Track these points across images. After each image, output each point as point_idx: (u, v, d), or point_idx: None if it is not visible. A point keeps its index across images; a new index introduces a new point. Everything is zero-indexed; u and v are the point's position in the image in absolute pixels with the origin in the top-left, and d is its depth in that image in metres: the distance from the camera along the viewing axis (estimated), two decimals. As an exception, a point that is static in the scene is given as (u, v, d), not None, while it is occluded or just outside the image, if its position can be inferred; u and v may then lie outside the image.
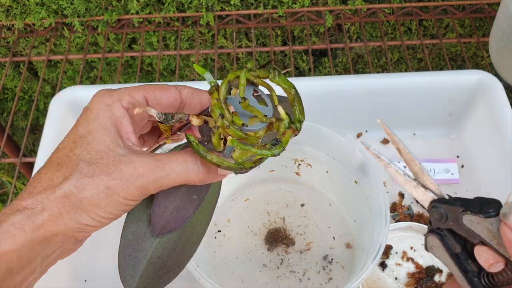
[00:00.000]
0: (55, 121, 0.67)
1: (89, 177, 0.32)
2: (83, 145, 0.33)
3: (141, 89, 0.36)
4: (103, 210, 0.33)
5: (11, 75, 0.98)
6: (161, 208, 0.36)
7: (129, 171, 0.32)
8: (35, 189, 0.33)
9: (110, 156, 0.33)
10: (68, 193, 0.32)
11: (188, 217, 0.37)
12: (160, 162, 0.33)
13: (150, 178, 0.33)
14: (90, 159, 0.33)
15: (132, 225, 0.37)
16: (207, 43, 0.92)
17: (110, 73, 0.98)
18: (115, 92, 0.36)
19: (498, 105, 0.66)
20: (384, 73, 0.72)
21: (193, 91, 0.38)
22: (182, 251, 0.38)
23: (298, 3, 0.86)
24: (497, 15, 0.72)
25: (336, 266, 0.60)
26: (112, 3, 0.87)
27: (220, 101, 0.33)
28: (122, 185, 0.32)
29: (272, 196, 0.66)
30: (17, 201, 0.33)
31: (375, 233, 0.53)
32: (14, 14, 0.88)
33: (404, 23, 0.91)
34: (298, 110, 0.34)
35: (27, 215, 0.32)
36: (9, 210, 0.32)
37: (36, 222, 0.32)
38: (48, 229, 0.32)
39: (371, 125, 0.74)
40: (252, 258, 0.61)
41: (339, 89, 0.69)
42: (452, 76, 0.70)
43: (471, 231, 0.28)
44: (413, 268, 0.61)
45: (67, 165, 0.33)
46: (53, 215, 0.32)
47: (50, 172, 0.33)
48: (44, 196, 0.32)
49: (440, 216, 0.30)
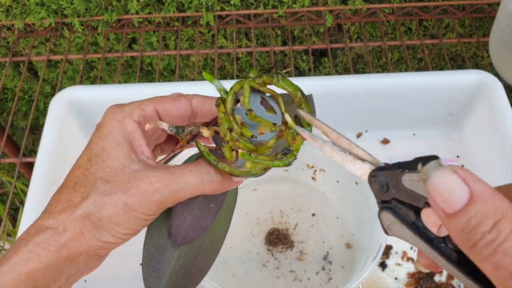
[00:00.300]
0: (55, 121, 0.67)
1: (106, 196, 0.33)
2: (98, 162, 0.34)
3: (151, 102, 0.36)
4: (123, 227, 0.33)
5: (11, 75, 0.98)
6: (180, 220, 0.37)
7: (145, 187, 0.33)
8: (55, 209, 0.33)
9: (125, 172, 0.33)
10: (88, 212, 0.33)
11: (207, 226, 0.37)
12: (174, 175, 0.33)
13: (166, 192, 0.33)
14: (106, 177, 0.33)
15: (153, 237, 0.37)
16: (207, 43, 0.92)
17: (110, 73, 0.98)
18: (126, 106, 0.36)
19: (498, 105, 0.66)
20: (384, 73, 0.72)
21: (202, 99, 0.38)
22: (203, 258, 0.39)
23: (298, 3, 0.86)
24: (497, 15, 0.72)
25: (336, 266, 0.60)
26: (112, 3, 0.87)
27: (227, 114, 0.33)
28: (140, 201, 0.33)
29: (272, 196, 0.67)
30: (40, 221, 0.33)
31: (375, 233, 0.53)
32: (14, 14, 0.88)
33: (404, 23, 0.91)
34: (308, 111, 0.34)
35: (50, 235, 0.33)
36: (33, 230, 0.33)
37: (60, 242, 0.32)
38: (71, 248, 0.33)
39: (371, 125, 0.74)
40: (252, 258, 0.61)
41: (339, 89, 0.69)
42: (452, 76, 0.70)
43: (414, 193, 0.25)
44: (413, 268, 0.61)
45: (84, 184, 0.34)
46: (75, 235, 0.33)
47: (68, 192, 0.34)
48: (64, 217, 0.33)
49: (381, 186, 0.27)
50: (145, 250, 0.37)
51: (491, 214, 0.22)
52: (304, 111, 0.33)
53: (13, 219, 1.08)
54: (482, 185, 0.23)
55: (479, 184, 0.23)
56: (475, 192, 0.22)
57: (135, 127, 0.35)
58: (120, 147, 0.34)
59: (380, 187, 0.27)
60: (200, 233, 0.37)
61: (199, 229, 0.37)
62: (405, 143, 0.74)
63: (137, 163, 0.34)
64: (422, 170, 0.24)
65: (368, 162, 0.29)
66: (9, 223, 1.03)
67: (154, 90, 0.69)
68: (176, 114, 0.37)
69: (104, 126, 0.35)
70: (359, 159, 0.29)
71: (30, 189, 0.61)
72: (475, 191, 0.22)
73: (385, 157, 0.72)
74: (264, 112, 0.35)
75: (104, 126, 0.35)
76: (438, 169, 0.23)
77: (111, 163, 0.34)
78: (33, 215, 0.59)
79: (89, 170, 0.34)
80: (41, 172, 0.62)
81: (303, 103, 0.34)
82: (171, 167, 0.34)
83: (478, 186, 0.23)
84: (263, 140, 0.33)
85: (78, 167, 0.35)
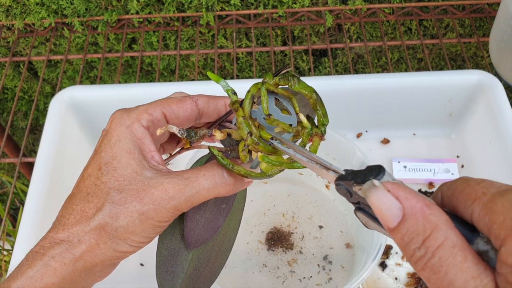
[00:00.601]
0: (55, 121, 0.67)
1: (121, 205, 0.32)
2: (109, 171, 0.33)
3: (158, 105, 0.36)
4: (139, 236, 0.33)
5: (11, 75, 0.98)
6: (192, 223, 0.37)
7: (160, 195, 0.32)
8: (69, 221, 0.33)
9: (138, 180, 0.33)
10: (103, 224, 0.32)
11: (219, 226, 0.38)
12: (188, 180, 0.33)
13: (182, 198, 0.33)
14: (119, 186, 0.33)
15: (166, 241, 0.37)
16: (207, 43, 0.92)
17: (110, 73, 0.98)
18: (133, 111, 0.36)
19: (498, 105, 0.66)
20: (384, 73, 0.72)
21: (208, 100, 0.38)
22: (216, 259, 0.39)
23: (298, 3, 0.86)
24: (497, 15, 0.72)
25: (336, 266, 0.60)
26: (112, 3, 0.87)
27: (246, 118, 0.33)
28: (155, 209, 0.32)
29: (272, 196, 0.67)
30: (53, 233, 0.33)
31: (375, 233, 0.53)
32: (14, 14, 0.88)
33: (404, 23, 0.91)
34: (322, 113, 0.35)
35: (65, 248, 0.32)
36: (47, 243, 0.33)
37: (76, 255, 0.32)
38: (87, 260, 0.33)
39: (371, 125, 0.74)
40: (252, 258, 0.61)
41: (339, 89, 0.69)
42: (452, 76, 0.70)
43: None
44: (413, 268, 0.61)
45: (97, 194, 0.33)
46: (90, 247, 0.32)
47: (81, 203, 0.33)
48: (79, 229, 0.33)
49: (344, 193, 0.28)
50: (158, 254, 0.37)
51: (420, 231, 0.23)
52: (319, 112, 0.34)
53: (13, 219, 1.08)
54: (414, 202, 0.23)
55: (411, 200, 0.23)
56: (406, 210, 0.23)
57: (144, 132, 0.35)
58: (131, 154, 0.34)
59: (345, 194, 0.28)
60: (212, 235, 0.37)
61: (211, 231, 0.37)
62: (405, 143, 0.74)
63: (149, 169, 0.34)
64: (362, 189, 0.25)
65: (331, 170, 0.30)
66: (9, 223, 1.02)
67: (154, 90, 0.69)
68: (183, 116, 0.37)
69: (112, 133, 0.35)
70: (324, 168, 0.30)
71: (30, 189, 0.61)
72: (406, 209, 0.23)
73: (385, 157, 0.72)
74: (279, 113, 0.35)
75: (112, 133, 0.35)
76: (372, 189, 0.24)
77: (123, 171, 0.33)
78: (33, 215, 0.59)
79: (100, 180, 0.34)
80: (41, 172, 0.62)
81: (317, 105, 0.34)
82: (184, 172, 0.34)
83: (410, 203, 0.23)
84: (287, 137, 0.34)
85: (88, 176, 0.34)
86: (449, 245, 0.22)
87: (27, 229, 0.58)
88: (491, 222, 0.22)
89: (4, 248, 0.87)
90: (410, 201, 0.23)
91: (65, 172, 0.66)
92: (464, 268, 0.22)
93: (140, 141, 0.35)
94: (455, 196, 0.25)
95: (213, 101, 0.38)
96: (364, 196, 0.25)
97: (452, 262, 0.22)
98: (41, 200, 0.60)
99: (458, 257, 0.22)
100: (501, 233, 0.22)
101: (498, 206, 0.22)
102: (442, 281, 0.22)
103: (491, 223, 0.22)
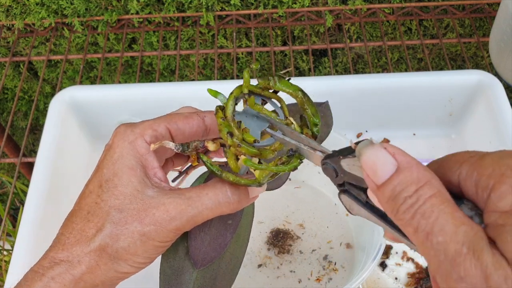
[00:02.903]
0: (55, 121, 0.67)
1: (122, 226, 0.32)
2: (109, 189, 0.33)
3: (163, 121, 0.35)
4: (141, 257, 0.32)
5: (11, 75, 0.98)
6: (197, 241, 0.36)
7: (161, 215, 0.32)
8: (69, 240, 0.32)
9: (139, 199, 0.32)
10: (104, 245, 0.32)
11: (226, 243, 0.36)
12: (191, 200, 0.32)
13: (184, 219, 0.32)
14: (119, 205, 0.32)
15: (169, 259, 0.36)
16: (207, 43, 0.92)
17: (110, 73, 0.98)
18: (137, 127, 0.35)
19: (498, 105, 0.66)
20: (384, 73, 0.72)
21: None
22: (223, 277, 0.37)
23: (298, 3, 0.86)
24: (497, 15, 0.72)
25: (336, 266, 0.60)
26: (112, 3, 0.87)
27: (227, 119, 0.32)
28: (157, 230, 0.32)
29: (273, 196, 0.66)
30: (52, 253, 0.32)
31: (375, 233, 0.53)
32: (14, 14, 0.88)
33: (404, 23, 0.91)
34: (311, 112, 0.33)
35: (65, 269, 0.31)
36: (46, 262, 0.32)
37: (76, 276, 0.31)
38: (87, 281, 0.32)
39: (371, 125, 0.74)
40: (252, 258, 0.61)
41: (339, 89, 0.69)
42: (452, 76, 0.70)
43: (354, 176, 0.27)
44: (413, 268, 0.61)
45: (97, 214, 0.32)
46: (90, 268, 0.32)
47: (81, 222, 0.33)
48: (79, 249, 0.32)
49: (331, 174, 0.28)
50: (162, 273, 0.36)
51: (414, 181, 0.23)
52: (308, 111, 0.33)
53: (13, 219, 1.08)
54: (409, 158, 0.24)
55: (406, 157, 0.24)
56: (402, 164, 0.24)
57: (147, 148, 0.34)
58: (133, 171, 0.33)
59: (331, 173, 0.29)
60: (219, 252, 0.36)
61: (218, 248, 0.36)
62: (405, 143, 0.74)
63: (151, 188, 0.33)
64: (356, 149, 0.25)
65: (318, 151, 0.30)
66: (9, 223, 1.02)
67: (154, 90, 0.69)
68: (189, 133, 0.36)
69: (114, 148, 0.34)
70: (311, 149, 0.30)
71: (30, 189, 0.61)
72: (401, 163, 0.24)
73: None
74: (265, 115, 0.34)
75: (114, 149, 0.34)
76: (368, 146, 0.25)
77: (124, 189, 0.32)
78: (33, 215, 0.59)
79: (101, 198, 0.33)
80: (41, 172, 0.62)
81: (305, 103, 0.33)
82: (185, 191, 0.33)
83: (405, 159, 0.24)
84: (267, 144, 0.32)
85: (89, 194, 0.34)
86: (441, 197, 0.23)
87: (27, 229, 0.58)
88: (479, 176, 0.23)
89: (4, 248, 0.87)
90: (406, 157, 0.24)
91: (65, 172, 0.66)
92: (456, 216, 0.22)
93: (143, 157, 0.34)
94: (442, 165, 0.25)
95: None
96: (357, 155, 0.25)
97: (444, 209, 0.22)
98: (41, 200, 0.60)
99: (449, 207, 0.22)
100: (489, 183, 0.22)
101: (487, 161, 0.23)
102: (432, 226, 0.22)
103: (479, 177, 0.23)
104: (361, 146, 0.25)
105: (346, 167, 0.27)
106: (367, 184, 0.25)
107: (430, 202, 0.22)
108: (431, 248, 0.22)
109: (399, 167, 0.24)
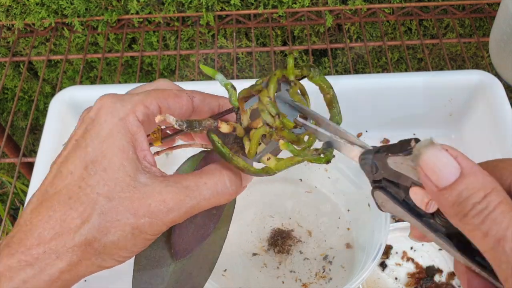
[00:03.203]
0: (55, 121, 0.67)
1: (112, 217, 0.28)
2: (97, 172, 0.28)
3: (154, 98, 0.31)
4: (128, 251, 0.29)
5: (11, 75, 0.98)
6: (182, 229, 0.33)
7: (157, 206, 0.28)
8: (45, 232, 0.27)
9: (132, 186, 0.28)
10: (91, 239, 0.27)
11: (208, 234, 0.34)
12: (189, 190, 0.29)
13: (182, 210, 0.29)
14: (109, 193, 0.28)
15: (146, 248, 0.32)
16: (207, 43, 0.92)
17: (110, 73, 0.98)
18: (127, 101, 0.31)
19: (498, 105, 0.66)
20: (384, 73, 0.72)
21: (204, 98, 0.34)
22: (199, 272, 0.35)
23: (298, 3, 0.86)
24: (497, 15, 0.72)
25: (336, 266, 0.60)
26: (112, 3, 0.87)
27: (272, 100, 0.29)
28: (151, 222, 0.28)
29: (273, 196, 0.67)
30: (24, 248, 0.27)
31: (375, 233, 0.53)
32: (14, 14, 0.88)
33: (404, 23, 0.91)
34: (337, 111, 0.33)
35: (40, 269, 0.27)
36: (15, 263, 0.27)
37: (52, 276, 0.27)
38: (65, 279, 0.28)
39: (371, 125, 0.74)
40: (252, 258, 0.61)
41: (339, 89, 0.68)
42: (452, 76, 0.70)
43: (400, 174, 0.26)
44: (413, 268, 0.61)
45: (82, 200, 0.28)
46: (71, 264, 0.28)
47: (60, 210, 0.27)
48: (58, 244, 0.27)
49: (370, 168, 0.28)
50: (136, 263, 0.33)
51: (481, 187, 0.23)
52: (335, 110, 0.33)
53: (13, 219, 1.08)
54: (471, 163, 0.24)
55: (469, 162, 0.24)
56: (466, 169, 0.24)
57: (139, 127, 0.30)
58: (125, 153, 0.29)
59: (370, 168, 0.28)
60: (200, 243, 0.33)
61: (200, 238, 0.34)
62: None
63: (143, 173, 0.29)
64: (415, 147, 0.25)
65: (357, 145, 0.30)
66: (9, 223, 1.03)
67: (154, 90, 0.69)
68: (179, 113, 0.33)
69: (101, 123, 0.30)
70: (349, 142, 0.30)
71: (30, 189, 0.61)
72: (465, 168, 0.24)
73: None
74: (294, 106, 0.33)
75: (101, 124, 0.30)
76: (430, 146, 0.25)
77: (115, 174, 0.28)
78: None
79: (86, 182, 0.28)
80: (41, 172, 0.62)
81: (333, 102, 0.33)
82: (181, 179, 0.30)
83: (468, 164, 0.24)
84: (301, 132, 0.31)
85: (70, 174, 0.28)
86: (509, 204, 0.23)
87: (27, 229, 0.58)
88: None
89: (4, 248, 0.87)
90: (469, 162, 0.24)
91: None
92: None
93: (134, 137, 0.30)
94: (493, 171, 0.26)
95: (209, 100, 0.35)
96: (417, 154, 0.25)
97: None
98: (41, 200, 0.60)
99: None
100: None
101: None
102: (504, 232, 0.22)
103: None
104: (421, 145, 0.25)
105: (393, 165, 0.26)
106: (425, 185, 0.25)
107: (500, 209, 0.23)
108: (503, 253, 0.22)
109: (462, 172, 0.24)
